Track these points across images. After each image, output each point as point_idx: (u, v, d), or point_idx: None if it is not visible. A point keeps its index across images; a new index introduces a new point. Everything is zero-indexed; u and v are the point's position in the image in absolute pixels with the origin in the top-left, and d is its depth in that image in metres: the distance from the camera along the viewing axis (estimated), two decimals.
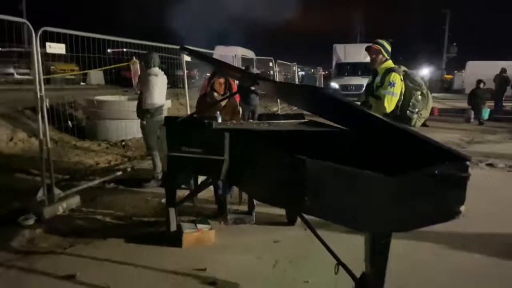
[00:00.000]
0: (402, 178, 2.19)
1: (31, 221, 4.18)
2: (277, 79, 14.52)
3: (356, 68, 18.92)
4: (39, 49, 4.30)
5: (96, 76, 20.04)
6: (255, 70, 12.42)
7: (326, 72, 28.56)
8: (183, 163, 3.51)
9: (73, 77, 19.23)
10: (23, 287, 3.02)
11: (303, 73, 32.41)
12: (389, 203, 2.21)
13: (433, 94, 23.56)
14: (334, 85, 18.29)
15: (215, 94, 4.66)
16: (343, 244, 3.09)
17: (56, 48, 4.63)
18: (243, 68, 9.70)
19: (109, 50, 8.69)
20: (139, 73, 6.15)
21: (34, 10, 27.00)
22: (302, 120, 4.00)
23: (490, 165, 7.30)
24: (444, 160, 2.31)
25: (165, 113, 5.68)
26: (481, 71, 20.58)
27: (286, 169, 2.45)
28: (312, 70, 26.61)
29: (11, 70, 17.35)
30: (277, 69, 15.09)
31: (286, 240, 3.85)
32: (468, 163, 2.30)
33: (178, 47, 7.98)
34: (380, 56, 4.17)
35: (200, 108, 4.69)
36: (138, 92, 5.71)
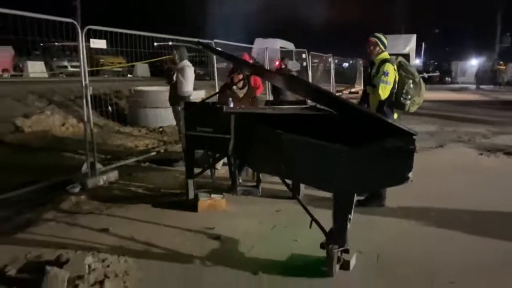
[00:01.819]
0: (359, 149, 2.72)
1: (77, 189, 5.02)
2: (310, 71, 14.93)
3: None
4: (84, 44, 5.10)
5: (142, 68, 21.32)
6: (289, 62, 12.82)
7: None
8: (198, 141, 4.18)
9: (120, 69, 20.63)
10: (68, 236, 3.79)
11: (347, 64, 32.37)
12: (349, 170, 2.75)
13: (482, 86, 22.91)
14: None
15: (234, 86, 5.29)
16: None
17: (99, 43, 5.41)
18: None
19: (155, 44, 9.54)
20: None
21: (90, 7, 28.59)
22: (304, 106, 4.54)
23: (508, 154, 7.46)
24: (396, 136, 2.82)
25: None
26: None
27: (269, 142, 3.05)
28: (351, 61, 26.65)
29: (65, 63, 18.89)
30: (310, 60, 15.46)
31: (286, 210, 4.42)
32: (414, 137, 2.79)
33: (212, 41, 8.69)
34: (377, 48, 4.62)
35: (220, 96, 5.34)
36: (174, 80, 6.31)
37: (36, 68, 17.60)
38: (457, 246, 3.67)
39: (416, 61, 35.17)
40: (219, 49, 8.27)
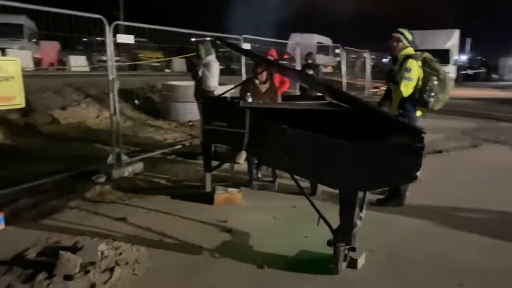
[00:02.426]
0: (364, 145, 2.68)
1: (102, 179, 5.22)
2: (344, 66, 14.68)
3: (433, 55, 18.23)
4: (112, 40, 5.28)
5: (178, 63, 21.73)
6: (315, 57, 12.57)
7: None
8: (215, 135, 4.24)
9: (158, 64, 21.16)
10: (88, 223, 3.96)
11: (386, 60, 31.53)
12: (353, 166, 2.71)
13: None
14: None
15: (257, 81, 5.29)
16: None
17: (126, 38, 5.57)
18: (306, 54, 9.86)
19: (193, 39, 9.72)
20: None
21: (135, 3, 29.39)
22: (322, 101, 4.49)
23: None
24: (404, 133, 2.75)
25: None
26: None
27: (277, 137, 3.06)
28: (390, 57, 26.00)
29: (105, 58, 19.48)
30: (345, 55, 15.20)
31: (302, 207, 4.37)
32: (423, 135, 2.72)
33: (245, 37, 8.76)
34: (401, 44, 4.50)
35: (243, 90, 5.35)
36: (199, 75, 6.39)
37: (78, 62, 18.34)
38: (473, 248, 3.54)
39: (462, 57, 33.79)
40: (243, 46, 8.30)
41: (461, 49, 31.44)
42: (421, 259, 3.33)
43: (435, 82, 4.39)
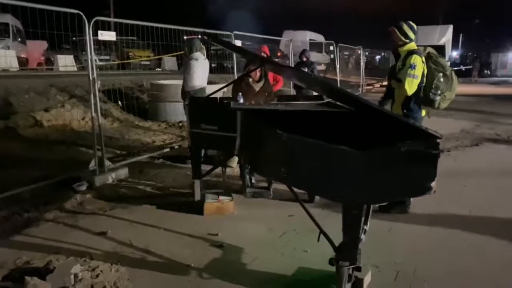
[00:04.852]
0: (370, 153, 2.33)
1: (83, 187, 4.83)
2: (338, 63, 14.38)
3: None
4: (91, 36, 4.89)
5: (170, 62, 21.26)
6: (313, 54, 12.30)
7: None
8: (203, 139, 3.88)
9: (148, 63, 20.67)
10: (65, 239, 3.57)
11: (379, 57, 31.40)
12: (358, 176, 2.36)
13: None
14: None
15: (250, 79, 4.93)
16: None
17: (108, 35, 5.19)
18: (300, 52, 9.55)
19: (185, 37, 9.35)
20: None
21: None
22: (320, 101, 4.14)
23: None
24: (416, 138, 2.41)
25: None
26: None
27: (270, 142, 2.71)
28: (384, 54, 25.81)
29: (94, 57, 18.97)
30: (339, 52, 14.89)
31: (300, 215, 4.00)
32: (438, 140, 2.38)
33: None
34: (396, 39, 4.15)
35: (235, 90, 4.99)
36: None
37: (66, 62, 17.80)
38: (490, 264, 3.21)
39: (453, 53, 33.76)
40: (233, 42, 7.93)
41: (454, 45, 31.32)
42: (433, 277, 3.01)
43: (441, 79, 4.06)
